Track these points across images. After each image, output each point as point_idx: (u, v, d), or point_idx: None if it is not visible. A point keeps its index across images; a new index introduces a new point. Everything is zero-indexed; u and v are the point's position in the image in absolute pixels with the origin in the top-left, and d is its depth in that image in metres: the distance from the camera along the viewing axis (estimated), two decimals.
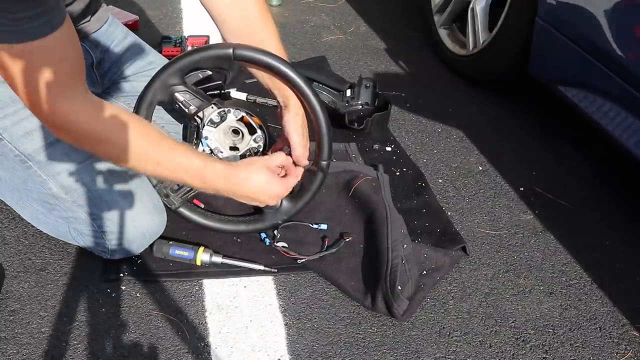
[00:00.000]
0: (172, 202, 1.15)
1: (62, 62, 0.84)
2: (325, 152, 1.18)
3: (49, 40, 0.80)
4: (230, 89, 1.73)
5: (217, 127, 1.18)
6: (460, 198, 1.47)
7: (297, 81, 1.09)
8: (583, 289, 1.25)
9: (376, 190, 1.31)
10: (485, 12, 1.87)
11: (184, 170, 1.00)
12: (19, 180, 1.11)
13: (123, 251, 1.15)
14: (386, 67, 2.08)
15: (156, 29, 2.20)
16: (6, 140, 1.08)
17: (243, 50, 1.07)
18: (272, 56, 1.08)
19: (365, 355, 1.06)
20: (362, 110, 1.75)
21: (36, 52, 0.80)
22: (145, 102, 1.11)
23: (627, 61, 1.30)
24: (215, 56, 1.09)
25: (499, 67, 1.83)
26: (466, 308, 1.17)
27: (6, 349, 1.01)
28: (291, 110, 1.13)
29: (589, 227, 1.41)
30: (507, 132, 1.76)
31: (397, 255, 1.14)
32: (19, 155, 1.09)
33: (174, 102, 1.14)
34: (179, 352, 1.03)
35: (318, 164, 1.19)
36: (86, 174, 1.10)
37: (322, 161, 1.19)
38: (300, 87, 1.10)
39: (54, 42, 0.81)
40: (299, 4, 2.53)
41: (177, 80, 1.12)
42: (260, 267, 1.18)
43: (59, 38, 0.82)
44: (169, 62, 1.12)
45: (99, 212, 1.11)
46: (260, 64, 1.08)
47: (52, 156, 1.09)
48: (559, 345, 1.11)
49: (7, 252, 1.19)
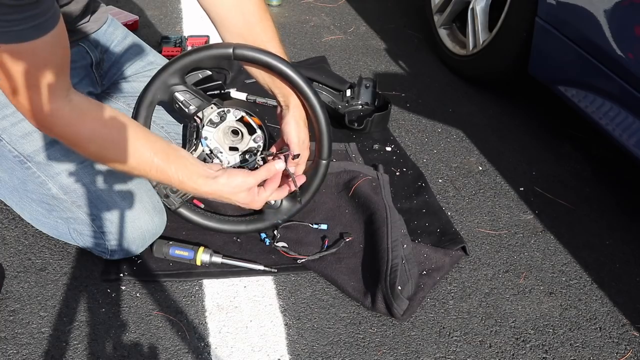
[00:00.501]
0: (172, 203, 1.15)
1: (49, 65, 0.85)
2: (325, 151, 1.18)
3: (39, 43, 0.81)
4: (230, 89, 1.73)
5: (216, 128, 1.18)
6: (460, 198, 1.47)
7: (296, 80, 1.09)
8: (583, 289, 1.25)
9: (376, 190, 1.31)
10: (485, 12, 1.87)
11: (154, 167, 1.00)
12: (18, 180, 1.12)
13: (123, 252, 1.15)
14: (386, 67, 2.08)
15: (156, 29, 2.20)
16: (5, 141, 1.08)
17: (243, 49, 1.07)
18: (272, 55, 1.09)
19: (365, 355, 1.06)
20: (362, 110, 1.76)
21: (25, 54, 0.80)
22: (146, 102, 1.11)
23: (627, 61, 1.30)
24: (215, 55, 1.09)
25: (499, 67, 1.83)
26: (466, 308, 1.17)
27: (6, 349, 1.01)
28: (291, 110, 1.13)
29: (589, 227, 1.41)
30: (507, 132, 1.76)
31: (397, 255, 1.14)
32: (18, 156, 1.09)
33: (174, 102, 1.14)
34: (179, 352, 1.03)
35: (318, 163, 1.19)
36: (85, 175, 1.10)
37: (322, 160, 1.19)
38: (299, 86, 1.10)
39: (44, 45, 0.82)
40: (299, 4, 2.53)
41: (177, 80, 1.12)
42: (260, 267, 1.18)
43: (49, 42, 0.83)
44: (169, 62, 1.12)
45: (99, 212, 1.11)
46: (260, 63, 1.08)
47: (51, 157, 1.09)
48: (559, 345, 1.11)
49: (7, 252, 1.19)
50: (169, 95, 1.13)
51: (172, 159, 1.00)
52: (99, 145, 0.95)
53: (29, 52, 0.81)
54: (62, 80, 0.89)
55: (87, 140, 0.94)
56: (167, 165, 0.99)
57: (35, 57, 0.82)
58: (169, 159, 1.00)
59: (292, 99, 1.13)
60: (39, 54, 0.82)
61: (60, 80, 0.88)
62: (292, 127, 1.13)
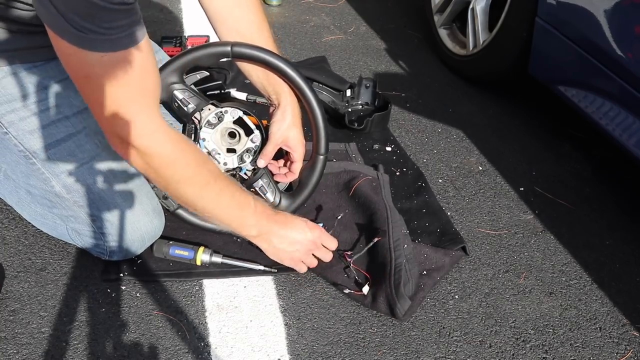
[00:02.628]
0: (171, 204, 1.15)
1: (146, 75, 0.85)
2: (322, 146, 1.19)
3: (134, 52, 0.80)
4: (230, 89, 1.73)
5: (214, 129, 1.19)
6: (460, 198, 1.47)
7: (293, 76, 1.12)
8: (583, 289, 1.25)
9: (376, 190, 1.31)
10: (485, 12, 1.87)
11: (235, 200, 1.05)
12: (21, 175, 1.11)
13: (121, 253, 1.15)
14: (386, 67, 2.08)
15: (156, 29, 2.20)
16: (12, 135, 1.07)
17: (241, 47, 1.08)
18: (269, 52, 1.11)
19: (365, 355, 1.06)
20: (362, 110, 1.76)
21: (122, 63, 0.80)
22: None
23: (627, 61, 1.30)
24: (213, 53, 1.10)
25: (499, 67, 1.83)
26: (466, 308, 1.17)
27: (6, 349, 1.01)
28: (282, 107, 1.14)
29: (589, 227, 1.41)
30: (507, 132, 1.76)
31: (400, 254, 1.14)
32: (23, 151, 1.08)
33: (173, 101, 1.14)
34: (179, 352, 1.03)
35: (315, 158, 1.20)
36: (89, 175, 1.10)
37: (320, 155, 1.19)
38: (296, 82, 1.13)
39: (139, 55, 0.81)
40: (299, 4, 2.53)
41: (176, 79, 1.13)
42: (260, 267, 1.18)
43: (144, 50, 0.82)
44: (169, 61, 1.13)
45: (99, 213, 1.11)
46: (258, 60, 1.10)
47: (57, 155, 1.08)
48: (559, 345, 1.11)
49: (7, 252, 1.19)
50: (167, 93, 1.13)
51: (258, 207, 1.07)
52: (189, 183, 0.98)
53: (129, 62, 0.80)
54: (157, 103, 0.91)
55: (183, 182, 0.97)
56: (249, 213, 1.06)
57: (132, 65, 0.81)
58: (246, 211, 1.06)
59: (283, 98, 1.14)
60: (135, 62, 0.81)
61: (157, 101, 0.90)
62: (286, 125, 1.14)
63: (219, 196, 1.02)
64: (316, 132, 1.18)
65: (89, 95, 0.85)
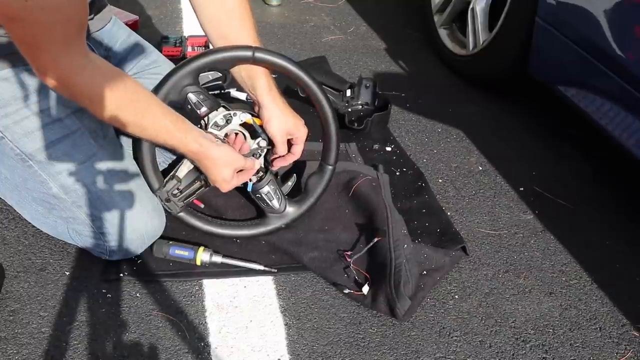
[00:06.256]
0: (174, 207, 1.15)
1: (73, 22, 0.87)
2: (332, 156, 1.20)
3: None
4: (230, 89, 1.73)
5: (220, 130, 1.18)
6: (460, 198, 1.47)
7: (312, 86, 1.14)
8: (583, 289, 1.25)
9: (376, 190, 1.31)
10: (485, 12, 1.87)
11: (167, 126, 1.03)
12: (19, 178, 1.11)
13: (122, 252, 1.15)
14: (386, 67, 2.08)
15: (156, 29, 2.20)
16: (7, 139, 1.08)
17: (263, 53, 1.08)
18: (290, 61, 1.12)
19: (365, 355, 1.06)
20: (362, 110, 1.76)
21: (50, 8, 0.82)
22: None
23: (627, 61, 1.30)
24: (234, 57, 1.09)
25: (499, 67, 1.83)
26: (466, 308, 1.17)
27: (6, 349, 1.01)
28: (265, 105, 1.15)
29: (589, 227, 1.41)
30: (507, 132, 1.76)
31: (400, 254, 1.14)
32: (19, 154, 1.09)
33: (187, 103, 1.12)
34: (179, 352, 1.03)
35: (323, 167, 1.20)
36: (86, 175, 1.10)
37: (328, 165, 1.20)
38: (314, 93, 1.15)
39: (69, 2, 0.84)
40: (299, 4, 2.53)
41: (190, 81, 1.11)
42: (260, 267, 1.18)
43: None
44: (185, 62, 1.10)
45: (98, 213, 1.11)
46: (278, 67, 1.11)
47: (53, 156, 1.09)
48: (559, 345, 1.11)
49: (7, 252, 1.19)
50: (181, 95, 1.11)
51: (180, 122, 1.05)
52: (115, 105, 0.96)
53: (54, 6, 0.82)
54: (83, 39, 0.91)
55: (106, 98, 0.95)
56: (176, 127, 1.03)
57: (60, 13, 0.84)
58: (177, 122, 1.04)
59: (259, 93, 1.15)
60: (63, 10, 0.84)
61: (82, 38, 0.90)
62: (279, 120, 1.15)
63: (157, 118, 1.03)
64: (327, 143, 1.19)
65: (15, 36, 0.87)
